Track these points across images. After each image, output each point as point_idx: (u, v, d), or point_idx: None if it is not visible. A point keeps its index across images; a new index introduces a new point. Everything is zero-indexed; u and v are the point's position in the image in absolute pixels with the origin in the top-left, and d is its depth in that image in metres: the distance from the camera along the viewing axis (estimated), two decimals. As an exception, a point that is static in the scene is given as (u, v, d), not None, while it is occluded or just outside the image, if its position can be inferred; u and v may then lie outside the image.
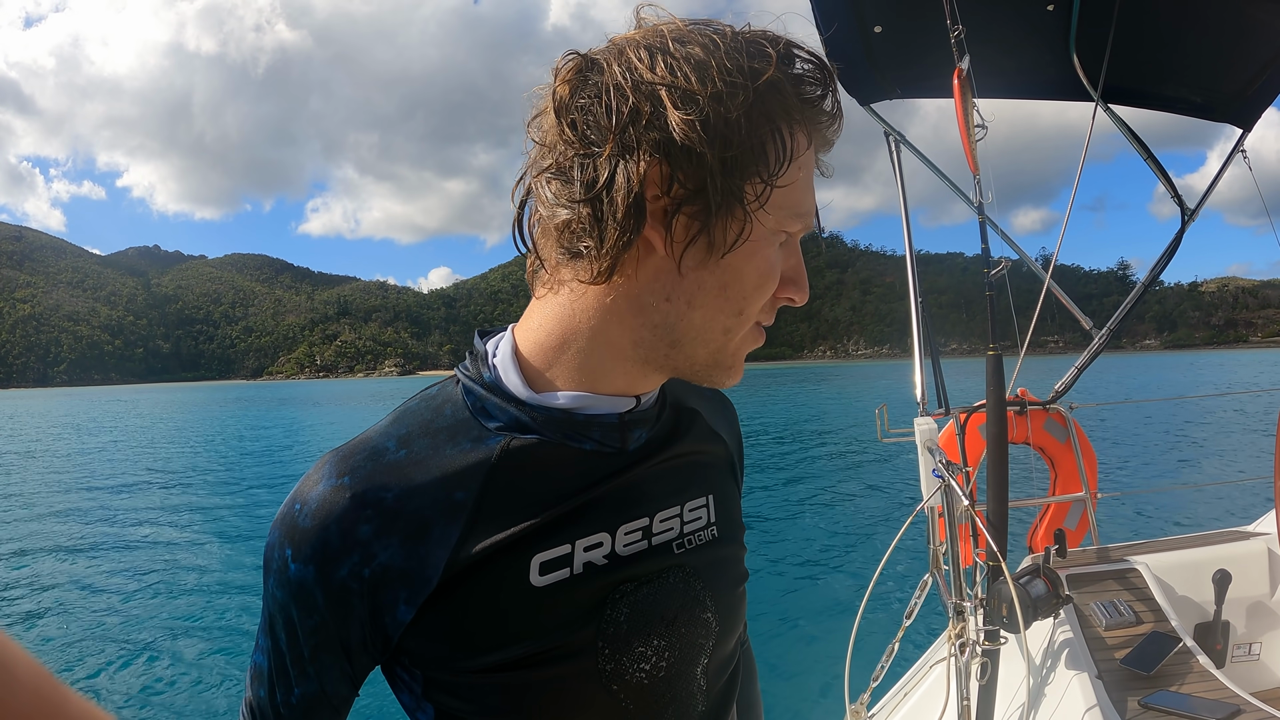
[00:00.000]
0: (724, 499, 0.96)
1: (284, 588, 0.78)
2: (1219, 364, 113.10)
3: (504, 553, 0.78)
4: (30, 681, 0.32)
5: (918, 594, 2.83)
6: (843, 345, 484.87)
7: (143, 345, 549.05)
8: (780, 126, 0.74)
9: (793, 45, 0.76)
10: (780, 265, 0.80)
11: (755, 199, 0.74)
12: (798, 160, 0.76)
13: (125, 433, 44.25)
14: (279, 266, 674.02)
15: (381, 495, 0.77)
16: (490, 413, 0.82)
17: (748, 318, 0.80)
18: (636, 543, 0.84)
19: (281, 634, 0.80)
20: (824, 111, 0.77)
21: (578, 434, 0.82)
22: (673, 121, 0.70)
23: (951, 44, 2.63)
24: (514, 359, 0.83)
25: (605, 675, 0.81)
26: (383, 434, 0.82)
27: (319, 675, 0.81)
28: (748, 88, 0.71)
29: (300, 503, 0.78)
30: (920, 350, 3.18)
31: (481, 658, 0.78)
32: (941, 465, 2.59)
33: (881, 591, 7.19)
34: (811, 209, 0.80)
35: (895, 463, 18.19)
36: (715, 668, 0.92)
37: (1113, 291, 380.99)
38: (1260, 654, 2.88)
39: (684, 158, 0.71)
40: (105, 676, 7.33)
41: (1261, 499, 3.81)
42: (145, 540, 13.57)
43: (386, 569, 0.76)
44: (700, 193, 0.72)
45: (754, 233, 0.75)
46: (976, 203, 2.80)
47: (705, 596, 0.89)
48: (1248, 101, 3.38)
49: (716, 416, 1.02)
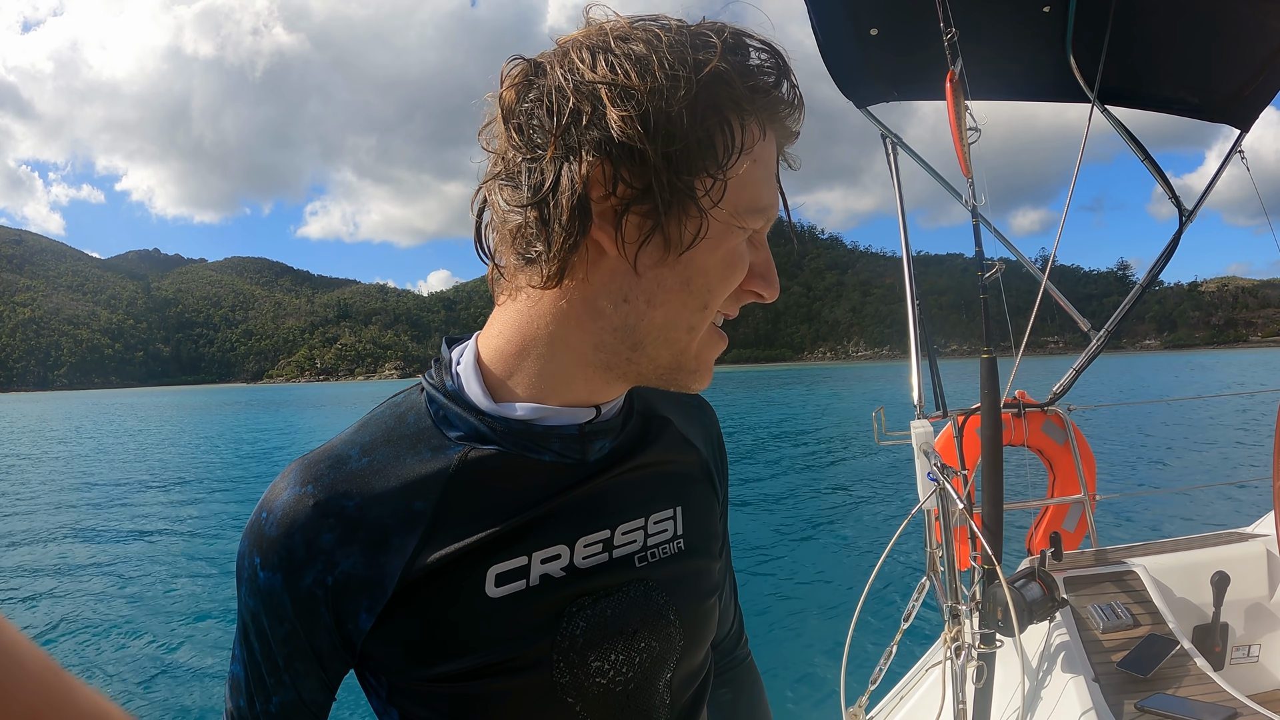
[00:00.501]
0: (695, 510, 0.94)
1: (255, 596, 0.79)
2: (1219, 364, 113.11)
3: (459, 563, 0.78)
4: (38, 672, 0.32)
5: (915, 597, 2.82)
6: (843, 347, 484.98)
7: (143, 349, 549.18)
8: (728, 118, 0.72)
9: (743, 34, 0.75)
10: (746, 256, 0.79)
11: (707, 193, 0.73)
12: (752, 152, 0.74)
13: (125, 436, 44.28)
14: (279, 270, 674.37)
15: (344, 504, 0.77)
16: (451, 422, 0.82)
17: (711, 312, 0.79)
18: (596, 555, 0.84)
19: (256, 643, 0.81)
20: (778, 100, 0.76)
21: (537, 445, 0.82)
22: (611, 120, 0.69)
23: (945, 47, 2.63)
24: (476, 368, 0.83)
25: (561, 688, 0.81)
26: (346, 442, 0.82)
27: (295, 683, 0.81)
28: (690, 80, 0.70)
29: (267, 511, 0.78)
30: (917, 352, 3.17)
31: (438, 667, 0.78)
32: (936, 468, 2.58)
33: (880, 594, 7.19)
34: (774, 201, 0.79)
35: (894, 465, 18.17)
36: (680, 680, 0.91)
37: (1112, 292, 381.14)
38: (1259, 656, 2.88)
39: (626, 156, 0.70)
40: (107, 673, 7.32)
41: (1260, 500, 3.80)
42: (145, 541, 13.57)
43: (349, 577, 0.77)
44: (648, 191, 0.71)
45: (713, 227, 0.74)
46: (970, 205, 2.80)
47: (669, 610, 0.88)
48: (1245, 102, 3.38)
49: (691, 423, 1.00)
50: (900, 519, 2.62)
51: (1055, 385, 3.61)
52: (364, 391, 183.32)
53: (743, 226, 0.77)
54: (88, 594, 10.37)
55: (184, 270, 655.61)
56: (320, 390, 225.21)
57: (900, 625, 2.86)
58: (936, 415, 3.19)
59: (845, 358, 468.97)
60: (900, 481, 15.96)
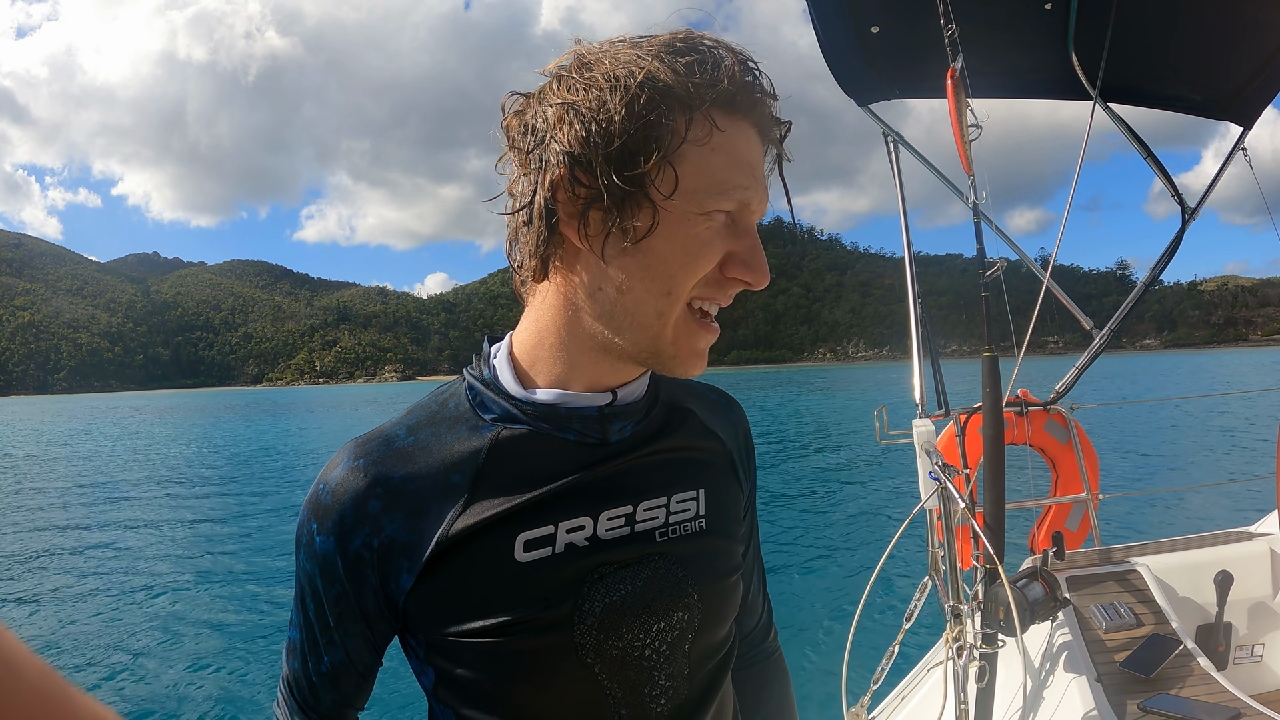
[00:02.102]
0: (717, 494, 1.02)
1: (311, 559, 0.91)
2: (1219, 363, 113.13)
3: (492, 529, 0.87)
4: (36, 681, 0.32)
5: (917, 596, 2.81)
6: (843, 348, 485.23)
7: (142, 352, 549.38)
8: (666, 112, 0.80)
9: (700, 37, 0.84)
10: (716, 243, 0.85)
11: (654, 184, 0.81)
12: (707, 142, 0.82)
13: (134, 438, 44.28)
14: (278, 273, 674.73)
15: (390, 476, 0.89)
16: (486, 405, 0.93)
17: (677, 297, 0.86)
18: (619, 528, 0.92)
19: (311, 605, 0.93)
20: (730, 92, 0.82)
21: (561, 425, 0.92)
22: (560, 134, 0.82)
23: (945, 44, 2.62)
24: (508, 358, 0.95)
25: (580, 648, 0.89)
26: (396, 424, 0.94)
27: (344, 643, 0.93)
28: (629, 85, 0.80)
29: (324, 483, 0.91)
30: (919, 351, 3.16)
31: (468, 623, 0.87)
32: (938, 467, 2.57)
33: (882, 594, 7.18)
34: (745, 184, 0.84)
35: (896, 464, 18.16)
36: (700, 653, 0.98)
37: (1112, 291, 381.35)
38: (1263, 656, 2.86)
39: (576, 162, 0.81)
40: (107, 676, 7.31)
41: (1264, 499, 3.79)
42: (143, 541, 13.56)
43: (393, 541, 0.88)
44: (602, 189, 0.82)
45: (670, 216, 0.83)
46: (971, 203, 2.78)
47: (687, 584, 0.96)
48: (1247, 99, 3.36)
49: (716, 417, 1.09)
50: (901, 518, 2.61)
51: (1058, 384, 3.60)
52: (364, 394, 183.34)
53: (704, 212, 0.83)
54: (86, 594, 10.36)
55: (183, 273, 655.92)
56: (321, 394, 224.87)
57: (902, 625, 2.85)
58: (938, 414, 3.18)
59: (845, 359, 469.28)
60: (901, 481, 15.96)
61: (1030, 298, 3.33)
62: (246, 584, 10.75)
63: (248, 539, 13.97)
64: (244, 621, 9.05)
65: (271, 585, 10.57)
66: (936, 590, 2.68)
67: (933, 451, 2.67)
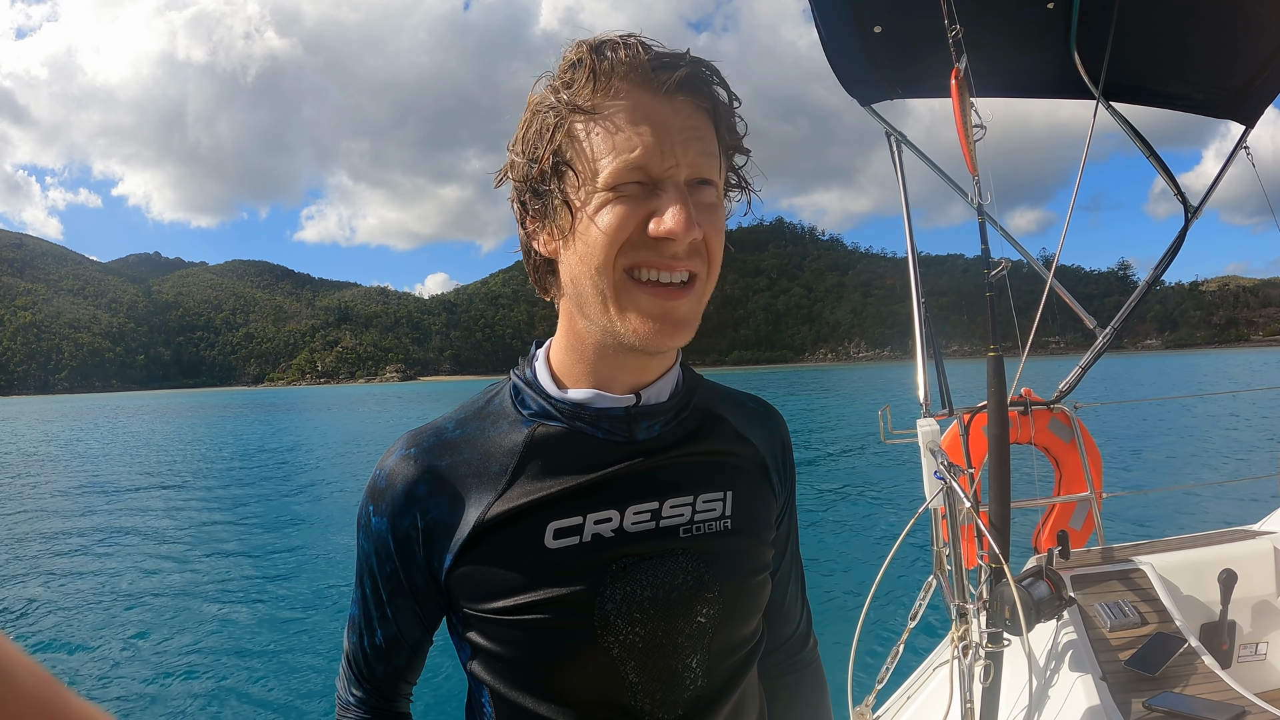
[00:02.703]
0: (746, 497, 1.07)
1: (368, 539, 1.01)
2: (1221, 364, 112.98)
3: (525, 516, 0.95)
4: (32, 687, 0.32)
5: (922, 596, 2.81)
6: (844, 348, 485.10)
7: (144, 352, 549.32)
8: (553, 124, 0.91)
9: (587, 44, 0.91)
10: (628, 210, 0.90)
11: (565, 185, 0.92)
12: (586, 132, 0.90)
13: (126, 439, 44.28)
14: (279, 273, 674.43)
15: (437, 464, 0.98)
16: (526, 403, 1.02)
17: (604, 269, 0.91)
18: (644, 523, 0.98)
19: (367, 582, 1.04)
20: (597, 78, 0.89)
21: (591, 424, 0.99)
22: (509, 173, 0.99)
23: (949, 44, 2.62)
24: (546, 361, 1.04)
25: (599, 632, 0.95)
26: (447, 418, 1.04)
27: (396, 618, 1.04)
28: (526, 118, 0.95)
29: (380, 469, 1.01)
30: (923, 351, 3.16)
31: (497, 600, 0.95)
32: (943, 467, 2.57)
33: (886, 593, 7.17)
34: (627, 148, 0.89)
35: (900, 464, 18.15)
36: (720, 648, 1.02)
37: (1113, 291, 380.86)
38: (1267, 654, 2.86)
39: (517, 189, 0.98)
40: (105, 679, 7.32)
41: (1267, 498, 3.80)
42: (143, 542, 13.56)
43: (437, 522, 0.97)
44: (534, 205, 0.96)
45: (585, 206, 0.91)
46: (976, 203, 2.78)
47: (709, 580, 1.00)
48: (1250, 97, 3.36)
49: (750, 424, 1.14)
50: (904, 518, 2.61)
51: (1061, 383, 3.60)
52: (366, 394, 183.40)
53: (608, 189, 0.89)
54: (84, 598, 10.36)
55: (185, 273, 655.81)
56: (323, 394, 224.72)
57: (907, 624, 2.85)
58: (942, 413, 3.18)
59: (846, 359, 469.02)
60: (906, 482, 15.95)
61: (1031, 298, 3.33)
62: (244, 582, 10.75)
63: (247, 537, 13.97)
64: (241, 620, 9.05)
65: (270, 586, 10.57)
66: (941, 589, 2.68)
67: (938, 451, 2.67)
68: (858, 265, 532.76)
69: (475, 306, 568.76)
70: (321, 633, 8.45)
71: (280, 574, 11.17)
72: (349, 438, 39.63)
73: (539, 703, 0.97)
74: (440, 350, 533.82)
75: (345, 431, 44.73)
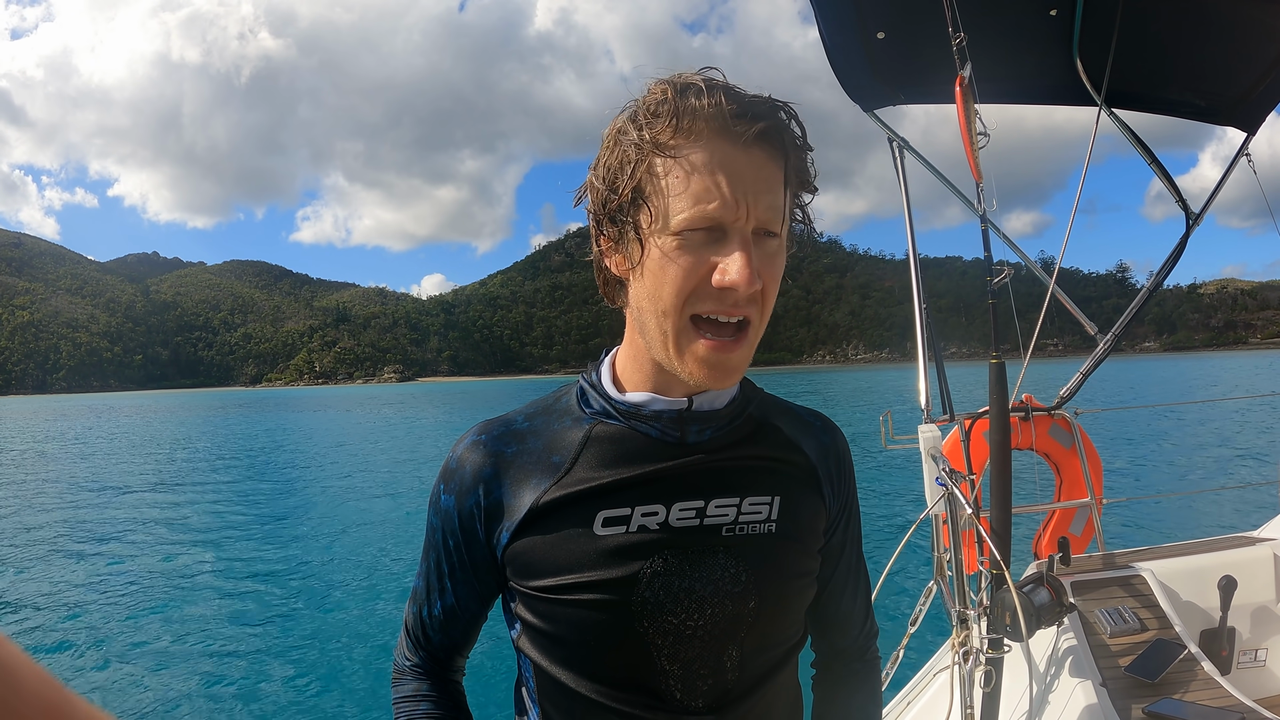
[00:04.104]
0: (794, 504, 1.12)
1: (437, 515, 1.11)
2: (1220, 367, 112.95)
3: (577, 503, 1.03)
4: (36, 688, 0.32)
5: (922, 601, 2.82)
6: (842, 350, 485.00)
7: (141, 352, 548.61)
8: (635, 160, 0.96)
9: (679, 81, 0.96)
10: (695, 259, 0.96)
11: (640, 221, 0.97)
12: (666, 174, 0.95)
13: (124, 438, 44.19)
14: (278, 273, 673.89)
15: (504, 450, 1.08)
16: (589, 402, 1.11)
17: (670, 314, 0.98)
18: (689, 519, 1.04)
19: (432, 555, 1.14)
20: (682, 122, 0.93)
21: (646, 423, 1.07)
22: (588, 194, 1.05)
23: (954, 52, 2.62)
24: (610, 364, 1.14)
25: (636, 617, 1.01)
26: (518, 411, 1.14)
27: (455, 590, 1.13)
28: (609, 148, 1.00)
29: (453, 453, 1.11)
30: (924, 356, 3.16)
31: (544, 578, 1.03)
32: (944, 472, 2.58)
33: (886, 599, 7.17)
34: (704, 199, 0.93)
35: (900, 469, 18.15)
36: (754, 646, 1.07)
37: (1111, 294, 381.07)
38: (1266, 660, 2.87)
39: (595, 215, 1.04)
40: (105, 681, 7.31)
41: (1267, 504, 3.80)
42: (140, 542, 13.55)
43: (498, 503, 1.06)
44: (609, 230, 1.02)
45: (655, 245, 0.97)
46: (980, 210, 2.79)
47: (747, 579, 1.06)
48: (1251, 104, 3.36)
49: (804, 435, 1.19)
50: (902, 523, 2.61)
51: (1062, 389, 3.60)
52: (364, 395, 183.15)
53: (677, 233, 0.95)
54: (82, 600, 10.36)
55: (183, 273, 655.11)
56: (322, 394, 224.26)
57: (908, 629, 2.85)
58: (943, 419, 3.18)
59: (844, 361, 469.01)
60: (906, 488, 15.95)
61: (1030, 301, 3.33)
62: (244, 581, 10.74)
63: (244, 533, 13.96)
64: (240, 617, 9.05)
65: (269, 584, 10.56)
66: (942, 595, 2.69)
67: (939, 457, 2.67)
68: (856, 267, 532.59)
69: (474, 308, 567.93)
70: (321, 631, 8.45)
71: (278, 571, 11.17)
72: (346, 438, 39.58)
73: (576, 679, 1.04)
74: (439, 351, 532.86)
75: (343, 425, 44.66)
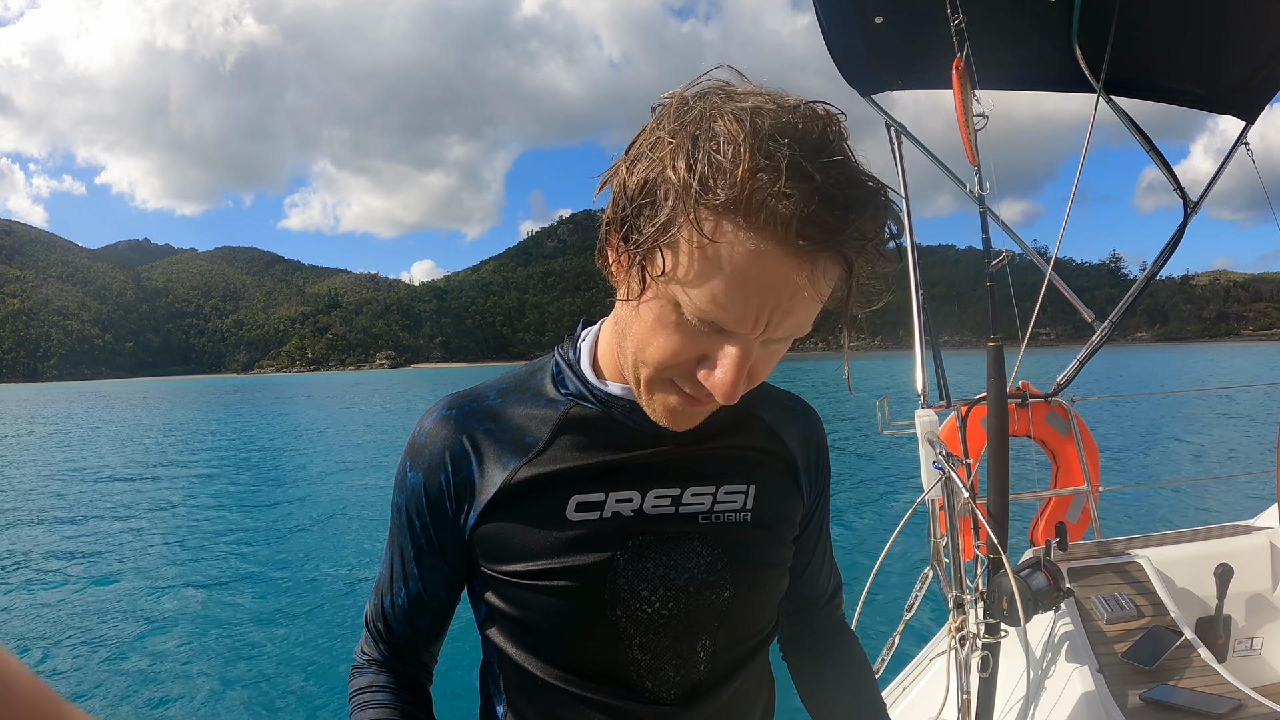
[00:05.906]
0: (769, 493, 1.08)
1: (404, 493, 1.05)
2: (1213, 358, 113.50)
3: (549, 486, 0.99)
4: (28, 697, 0.32)
5: (918, 587, 2.82)
6: (835, 337, 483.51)
7: (133, 339, 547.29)
8: (659, 195, 0.77)
9: (758, 135, 0.72)
10: (684, 340, 0.83)
11: (651, 260, 0.79)
12: (702, 243, 0.75)
13: (116, 426, 44.11)
14: (269, 259, 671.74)
15: (474, 427, 1.02)
16: (565, 383, 1.05)
17: (646, 366, 0.87)
18: (664, 507, 1.01)
19: (397, 539, 1.08)
20: (725, 207, 0.73)
21: (623, 413, 1.01)
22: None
23: (952, 34, 2.61)
24: (591, 347, 1.06)
25: (608, 605, 0.98)
26: (488, 385, 1.09)
27: (422, 576, 1.07)
28: (653, 157, 0.77)
29: (420, 428, 1.05)
30: (921, 342, 3.16)
31: (514, 563, 0.99)
32: (942, 458, 2.58)
33: (882, 585, 7.19)
34: (742, 316, 0.79)
35: (896, 455, 18.19)
36: (727, 638, 1.05)
37: (1104, 284, 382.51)
38: (1261, 649, 2.88)
39: (609, 221, 0.85)
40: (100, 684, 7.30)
41: (1264, 493, 3.81)
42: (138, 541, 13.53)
43: (467, 482, 1.01)
44: (614, 247, 0.86)
45: (659, 305, 0.82)
46: (977, 194, 2.78)
47: (722, 567, 1.03)
48: (1251, 93, 3.35)
49: (786, 424, 1.15)
50: (898, 509, 2.61)
51: (1059, 376, 3.60)
52: (353, 381, 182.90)
53: (678, 304, 0.80)
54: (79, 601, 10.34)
55: (174, 260, 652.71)
56: (314, 380, 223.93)
57: (904, 614, 2.86)
58: (940, 405, 3.18)
59: (837, 349, 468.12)
60: (902, 473, 15.99)
61: (1024, 290, 3.32)
62: (240, 579, 10.74)
63: (243, 532, 13.95)
64: (235, 613, 9.05)
65: (265, 583, 10.56)
66: (938, 580, 2.69)
67: (937, 442, 2.67)
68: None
69: (466, 294, 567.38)
70: (316, 627, 8.44)
71: (272, 561, 11.16)
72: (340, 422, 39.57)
73: (545, 668, 1.01)
74: (431, 337, 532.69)
75: (337, 416, 44.63)
